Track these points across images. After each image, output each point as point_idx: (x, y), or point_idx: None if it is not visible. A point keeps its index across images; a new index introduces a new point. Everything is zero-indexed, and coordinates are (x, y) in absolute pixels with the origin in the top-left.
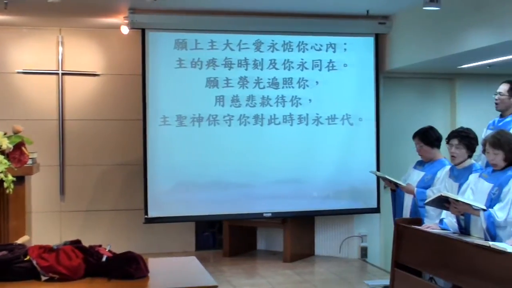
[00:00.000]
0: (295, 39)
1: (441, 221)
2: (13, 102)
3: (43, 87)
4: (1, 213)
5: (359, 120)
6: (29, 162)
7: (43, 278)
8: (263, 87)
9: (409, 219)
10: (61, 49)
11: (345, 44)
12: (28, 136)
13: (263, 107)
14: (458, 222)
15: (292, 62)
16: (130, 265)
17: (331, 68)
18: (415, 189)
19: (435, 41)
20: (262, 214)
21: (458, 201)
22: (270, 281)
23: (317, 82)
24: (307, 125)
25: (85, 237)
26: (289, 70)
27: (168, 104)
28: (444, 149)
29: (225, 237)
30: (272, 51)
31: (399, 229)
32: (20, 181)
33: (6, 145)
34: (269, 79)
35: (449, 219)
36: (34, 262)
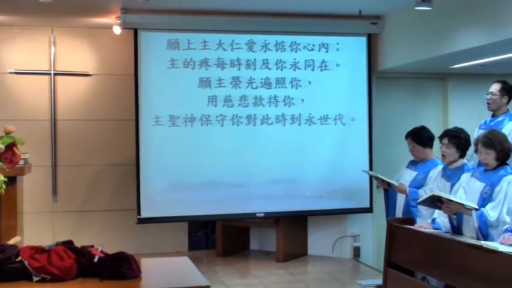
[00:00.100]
0: (288, 39)
1: (434, 221)
2: (5, 102)
3: (35, 87)
4: None
5: (351, 120)
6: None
7: (35, 278)
8: (256, 87)
9: (402, 219)
10: (53, 49)
11: (337, 44)
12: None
13: (256, 107)
14: (450, 221)
15: (284, 62)
16: (122, 266)
17: (323, 68)
18: (408, 188)
19: (427, 41)
20: (255, 214)
21: (450, 201)
22: (263, 281)
23: (309, 82)
24: (299, 125)
25: (78, 237)
26: (281, 70)
27: (160, 104)
28: (436, 149)
29: (218, 237)
30: (264, 51)
31: (392, 228)
32: (12, 181)
33: None
34: (262, 79)
35: (442, 218)
36: (25, 262)
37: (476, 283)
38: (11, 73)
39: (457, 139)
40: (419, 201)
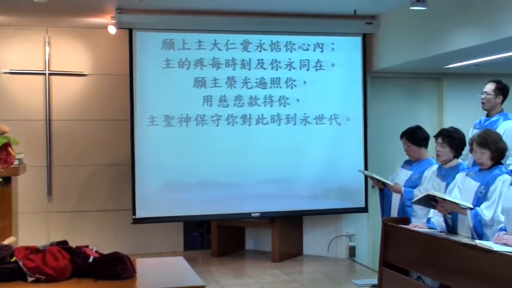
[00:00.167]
0: (283, 39)
1: (429, 220)
2: (0, 102)
3: (30, 87)
4: None
5: (346, 119)
6: (16, 162)
7: (30, 279)
8: (251, 87)
9: (397, 218)
10: (48, 49)
11: (332, 44)
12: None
13: (251, 107)
14: (445, 221)
15: (279, 62)
16: (117, 266)
17: (318, 68)
18: (403, 188)
19: (422, 41)
20: (250, 214)
21: (445, 200)
22: (258, 281)
23: (304, 82)
24: (295, 125)
25: (73, 237)
26: (276, 70)
27: (155, 104)
28: (431, 148)
29: (213, 237)
30: (259, 51)
31: (387, 228)
32: (6, 182)
33: None
34: (257, 79)
35: (436, 218)
36: (20, 263)
37: (471, 282)
38: (5, 73)
39: (451, 138)
40: (414, 200)
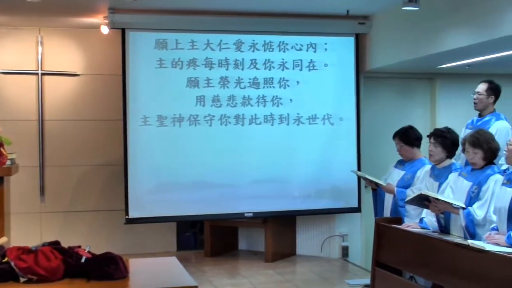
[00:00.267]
0: (276, 39)
1: (421, 220)
2: None
3: (22, 87)
4: None
5: (339, 119)
6: (8, 163)
7: (22, 279)
8: (244, 87)
9: (390, 219)
10: (40, 49)
11: (325, 44)
12: (7, 136)
13: (244, 107)
14: (438, 220)
15: (272, 62)
16: (109, 266)
17: (311, 68)
18: (395, 188)
19: (414, 41)
20: (243, 214)
21: (438, 200)
22: (251, 281)
23: (297, 82)
24: (288, 125)
25: (66, 238)
26: (269, 70)
27: (148, 104)
28: (424, 148)
29: (206, 237)
30: (252, 51)
31: (380, 228)
32: None
33: None
34: (250, 79)
35: (429, 218)
36: (12, 263)
37: (463, 282)
38: None
39: (443, 138)
40: (406, 200)
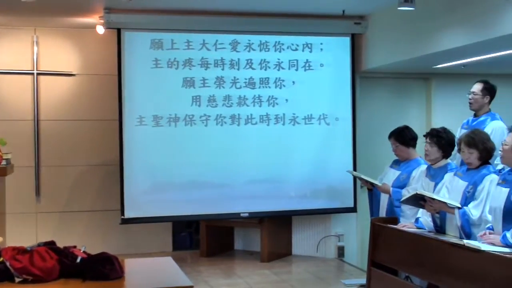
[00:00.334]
0: (272, 39)
1: (417, 220)
2: None
3: (18, 87)
4: None
5: (335, 119)
6: (4, 163)
7: (17, 279)
8: (240, 87)
9: (385, 218)
10: (36, 49)
11: (321, 44)
12: (2, 136)
13: (240, 107)
14: (433, 220)
15: (268, 62)
16: (104, 266)
17: (307, 68)
18: (391, 188)
19: (410, 41)
20: (239, 214)
21: (433, 199)
22: (247, 281)
23: (293, 82)
24: (283, 125)
25: (62, 238)
26: (265, 70)
27: (144, 104)
28: (420, 148)
29: (202, 237)
30: (248, 51)
31: (375, 228)
32: None
33: None
34: (246, 79)
35: (425, 218)
36: (7, 263)
37: (458, 282)
38: None
39: (439, 138)
40: (402, 199)
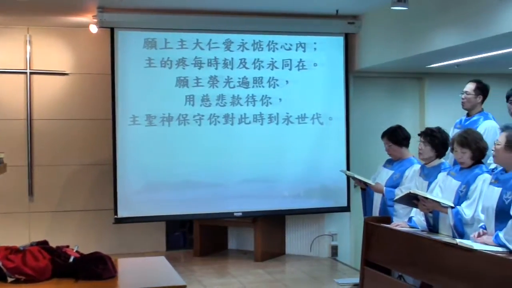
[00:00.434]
0: (265, 38)
1: (410, 219)
2: None
3: (10, 86)
4: None
5: (329, 119)
6: None
7: (9, 279)
8: (233, 87)
9: (379, 218)
10: (29, 48)
11: (315, 43)
12: None
13: (234, 107)
14: (426, 220)
15: (262, 61)
16: (97, 266)
17: (301, 67)
18: (384, 188)
19: (403, 41)
20: (232, 213)
21: (426, 198)
22: (241, 280)
23: (287, 81)
24: (277, 124)
25: (55, 238)
26: (259, 69)
27: (137, 103)
28: (412, 148)
29: (195, 236)
30: (242, 51)
31: (368, 227)
32: None
33: None
34: (239, 79)
35: (418, 217)
36: (0, 263)
37: (451, 281)
38: None
39: (432, 137)
40: (395, 198)
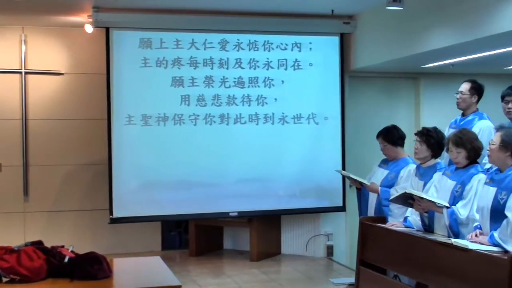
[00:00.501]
0: (261, 38)
1: (405, 219)
2: None
3: (5, 86)
4: None
5: (324, 119)
6: None
7: (4, 279)
8: (229, 86)
9: (374, 218)
10: (24, 47)
11: (310, 43)
12: None
13: (229, 106)
14: (422, 219)
15: (257, 61)
16: (92, 266)
17: (296, 67)
18: (379, 188)
19: (399, 41)
20: (228, 213)
21: (422, 198)
22: (236, 280)
23: (282, 81)
24: (273, 124)
25: (50, 238)
26: (254, 69)
27: (133, 103)
28: (407, 147)
29: (191, 236)
30: (237, 50)
31: (364, 227)
32: None
33: None
34: (235, 78)
35: (413, 217)
36: None
37: (447, 281)
38: None
39: (428, 137)
40: (391, 198)
